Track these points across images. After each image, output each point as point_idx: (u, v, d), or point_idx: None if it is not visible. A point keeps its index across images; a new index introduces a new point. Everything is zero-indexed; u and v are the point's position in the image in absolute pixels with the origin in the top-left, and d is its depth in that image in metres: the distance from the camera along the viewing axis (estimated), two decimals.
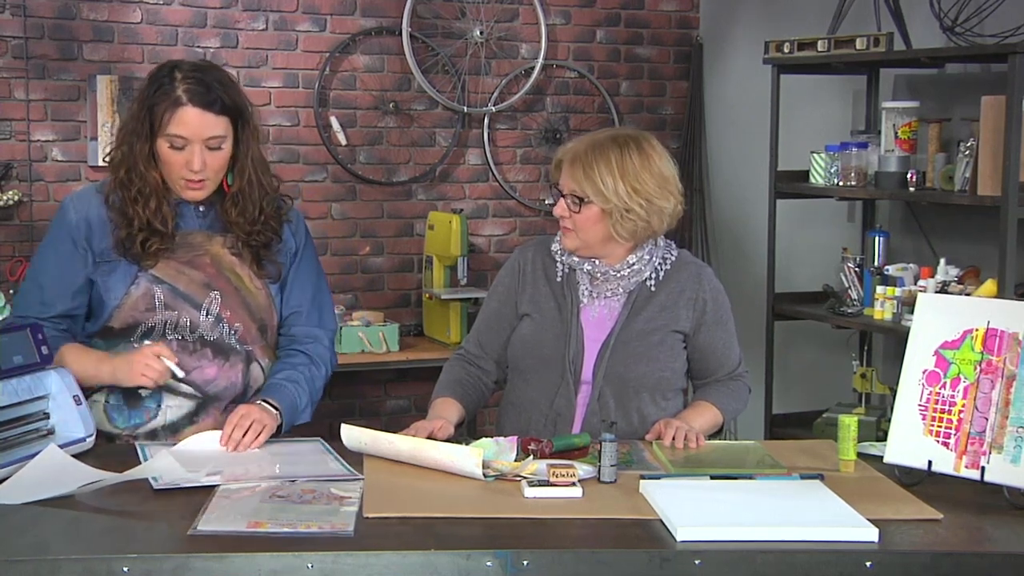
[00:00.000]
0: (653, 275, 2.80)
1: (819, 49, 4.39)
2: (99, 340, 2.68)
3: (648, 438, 2.67)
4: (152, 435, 2.65)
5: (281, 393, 2.67)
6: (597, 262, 2.78)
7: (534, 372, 2.81)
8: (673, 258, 2.84)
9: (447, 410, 2.75)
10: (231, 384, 2.69)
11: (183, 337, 2.65)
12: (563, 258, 2.82)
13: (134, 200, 2.60)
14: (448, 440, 2.56)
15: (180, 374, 2.56)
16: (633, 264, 2.78)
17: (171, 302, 2.64)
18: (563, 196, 2.73)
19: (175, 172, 2.60)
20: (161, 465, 2.30)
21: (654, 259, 2.81)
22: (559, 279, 2.83)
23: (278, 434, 2.63)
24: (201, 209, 2.70)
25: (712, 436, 2.83)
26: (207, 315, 2.66)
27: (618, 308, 2.79)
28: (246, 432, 2.53)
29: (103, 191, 2.68)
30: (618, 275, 2.78)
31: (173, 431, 2.65)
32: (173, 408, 2.66)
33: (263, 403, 2.62)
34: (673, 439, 2.61)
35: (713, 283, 2.85)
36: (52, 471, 2.27)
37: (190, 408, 2.67)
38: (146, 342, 2.63)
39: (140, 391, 2.63)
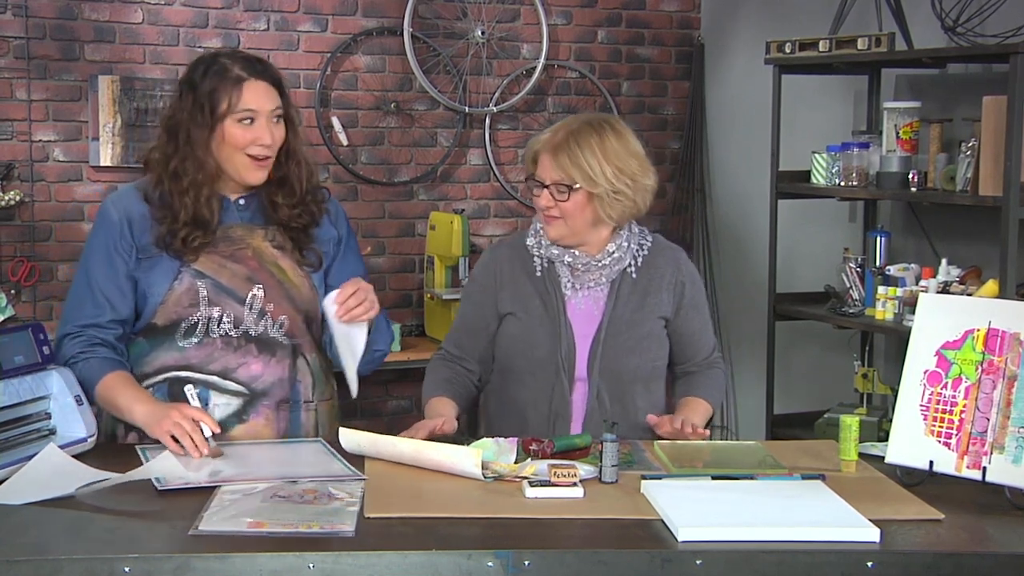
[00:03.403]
0: (632, 262, 2.81)
1: (820, 49, 4.38)
2: (142, 340, 2.66)
3: (653, 426, 2.67)
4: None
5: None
6: (577, 252, 2.78)
7: (528, 373, 2.80)
8: (649, 243, 2.85)
9: (445, 408, 2.75)
10: (278, 380, 2.67)
11: (227, 333, 2.64)
12: (541, 252, 2.82)
13: (185, 191, 2.60)
14: (451, 439, 2.56)
15: (208, 433, 2.45)
16: (613, 252, 2.78)
17: (214, 297, 2.63)
18: (546, 187, 2.73)
19: (241, 151, 2.60)
20: (162, 467, 2.30)
21: (632, 245, 2.81)
22: (539, 274, 2.82)
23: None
24: (241, 202, 2.70)
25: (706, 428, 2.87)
26: (251, 309, 2.65)
27: (603, 298, 2.80)
28: (359, 306, 2.53)
29: (142, 189, 2.68)
30: (599, 264, 2.78)
31: (222, 430, 2.61)
32: (221, 406, 2.64)
33: None
34: (682, 431, 2.65)
35: (689, 266, 2.89)
36: (52, 471, 2.27)
37: (238, 406, 2.64)
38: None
39: (186, 390, 2.61)
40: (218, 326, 2.63)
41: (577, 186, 2.69)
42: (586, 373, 2.77)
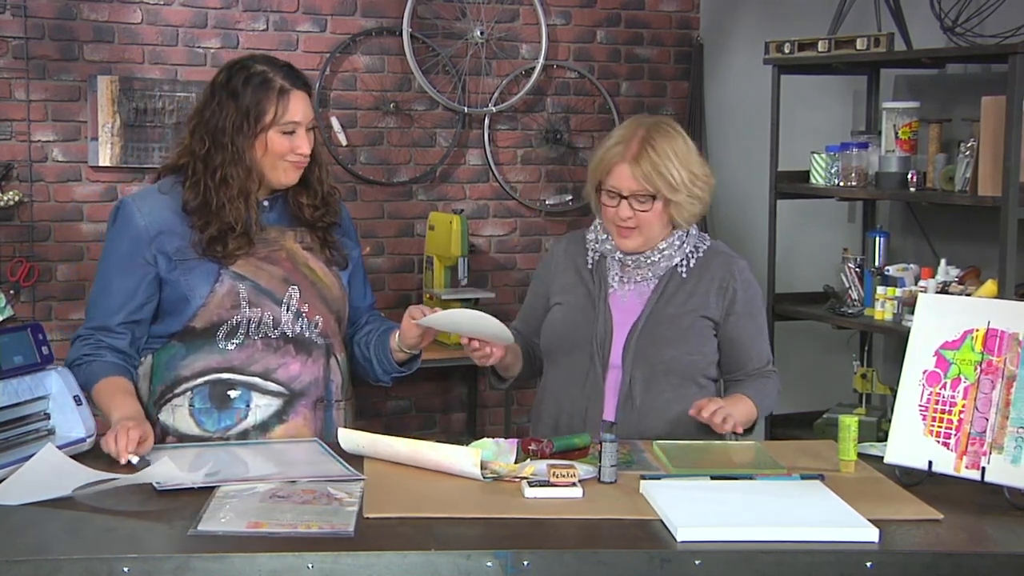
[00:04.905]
0: (684, 261, 2.82)
1: (819, 49, 4.39)
2: (177, 344, 2.65)
3: (691, 413, 2.63)
4: (243, 436, 2.63)
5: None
6: None
7: (564, 355, 2.83)
8: (705, 246, 2.86)
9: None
10: (314, 380, 2.69)
11: (266, 335, 2.65)
12: (596, 246, 2.86)
13: (235, 197, 2.60)
14: (452, 440, 2.57)
15: (134, 460, 2.35)
16: (664, 249, 2.80)
17: (254, 299, 2.64)
18: (624, 198, 2.72)
19: (280, 159, 2.62)
20: (160, 471, 2.29)
21: (685, 246, 2.82)
22: (589, 266, 2.86)
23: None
24: (266, 204, 2.71)
25: (746, 431, 2.80)
26: (287, 310, 2.66)
27: (648, 293, 2.81)
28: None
29: (166, 192, 2.67)
30: (648, 261, 2.80)
31: (263, 430, 2.64)
32: (262, 407, 2.64)
33: None
34: (712, 417, 2.59)
35: (745, 275, 2.85)
36: (50, 471, 2.27)
37: (278, 406, 2.65)
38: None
39: (229, 392, 2.62)
40: (258, 327, 2.64)
41: (660, 196, 2.71)
42: (620, 360, 2.77)
